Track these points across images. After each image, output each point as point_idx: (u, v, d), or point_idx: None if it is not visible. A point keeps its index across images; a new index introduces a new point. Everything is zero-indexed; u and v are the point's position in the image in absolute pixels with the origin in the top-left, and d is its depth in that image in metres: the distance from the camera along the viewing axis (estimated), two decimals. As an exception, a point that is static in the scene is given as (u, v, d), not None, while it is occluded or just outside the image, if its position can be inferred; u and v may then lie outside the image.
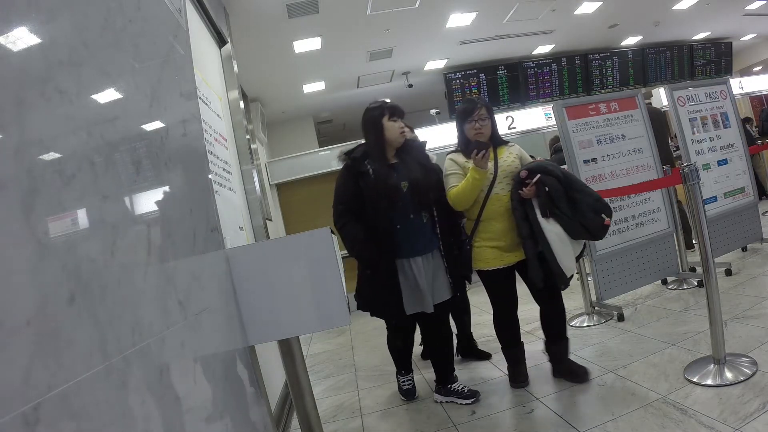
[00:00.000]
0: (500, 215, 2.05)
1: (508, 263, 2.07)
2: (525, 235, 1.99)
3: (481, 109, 2.07)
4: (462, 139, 2.13)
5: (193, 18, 2.01)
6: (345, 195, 2.03)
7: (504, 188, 2.05)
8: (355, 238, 1.98)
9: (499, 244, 2.06)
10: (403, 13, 4.25)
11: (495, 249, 2.06)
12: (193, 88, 1.20)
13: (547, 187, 1.98)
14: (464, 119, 2.09)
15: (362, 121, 2.08)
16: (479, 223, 2.07)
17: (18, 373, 0.44)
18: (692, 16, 6.04)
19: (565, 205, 1.98)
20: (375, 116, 2.04)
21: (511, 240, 2.05)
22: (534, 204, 2.00)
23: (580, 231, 1.99)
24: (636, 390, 1.88)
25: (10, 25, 0.53)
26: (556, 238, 1.96)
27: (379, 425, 2.13)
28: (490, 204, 2.05)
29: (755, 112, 8.01)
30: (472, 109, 2.07)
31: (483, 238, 2.08)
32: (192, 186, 1.05)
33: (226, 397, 0.97)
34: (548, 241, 1.96)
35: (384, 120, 2.02)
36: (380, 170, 1.99)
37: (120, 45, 0.80)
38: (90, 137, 0.65)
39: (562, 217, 1.98)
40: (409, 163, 2.06)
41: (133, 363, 0.63)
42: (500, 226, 2.05)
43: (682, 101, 3.35)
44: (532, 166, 2.03)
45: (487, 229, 2.07)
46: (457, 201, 2.04)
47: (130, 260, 0.69)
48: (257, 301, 1.17)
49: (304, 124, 6.96)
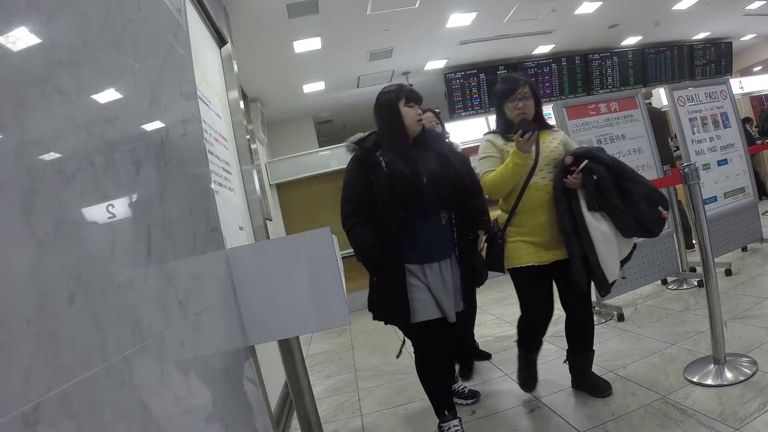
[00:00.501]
0: (539, 207, 1.80)
1: (545, 261, 1.81)
2: (569, 230, 1.75)
3: (524, 87, 1.82)
4: (501, 120, 1.90)
5: (193, 18, 2.01)
6: (354, 191, 1.74)
7: (545, 177, 1.81)
8: (364, 244, 1.70)
9: (536, 240, 1.81)
10: (403, 13, 4.25)
11: (531, 245, 1.81)
12: (193, 88, 1.20)
13: (596, 176, 1.73)
14: (505, 98, 1.85)
15: (375, 106, 1.81)
16: (514, 215, 1.82)
17: (18, 373, 0.44)
18: (692, 16, 6.04)
19: (615, 197, 1.72)
20: (390, 100, 1.76)
21: (550, 236, 1.80)
22: (579, 195, 1.75)
23: (633, 227, 1.74)
24: (636, 390, 1.88)
25: (10, 25, 0.53)
26: (601, 237, 1.73)
27: (379, 425, 2.13)
28: (528, 194, 1.80)
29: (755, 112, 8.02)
30: (515, 87, 1.82)
31: (518, 233, 1.84)
32: (192, 186, 1.05)
33: (226, 397, 0.97)
34: (591, 239, 1.73)
35: (400, 105, 1.74)
36: (395, 162, 1.70)
37: (120, 45, 0.80)
38: (90, 137, 0.65)
39: (613, 210, 1.73)
40: (428, 155, 1.77)
41: (133, 363, 0.63)
42: (539, 220, 1.81)
43: (682, 101, 3.35)
44: (578, 152, 1.79)
45: (524, 223, 1.82)
46: (492, 188, 1.82)
47: (130, 260, 0.69)
48: (257, 301, 1.17)
49: (304, 124, 6.97)
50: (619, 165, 1.78)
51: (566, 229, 1.75)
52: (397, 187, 1.67)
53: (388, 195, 1.67)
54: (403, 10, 4.19)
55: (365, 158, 1.74)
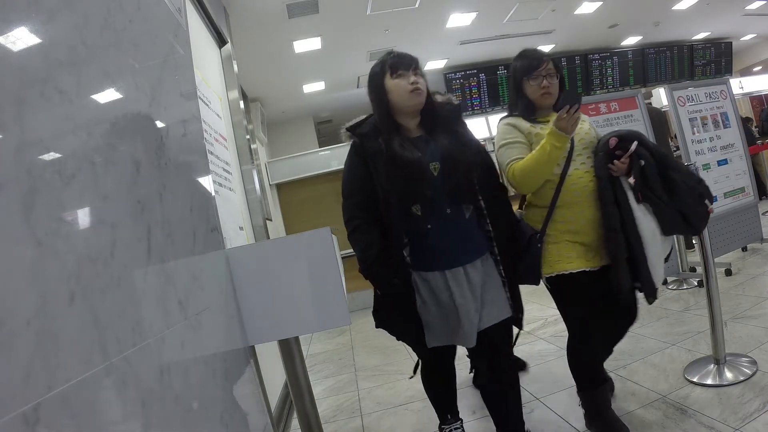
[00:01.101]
0: (585, 199, 1.50)
1: (596, 266, 1.50)
2: (615, 226, 1.47)
3: (548, 63, 1.55)
4: (522, 101, 1.60)
5: (193, 18, 2.01)
6: (354, 186, 1.46)
7: (585, 163, 1.52)
8: (366, 251, 1.41)
9: (583, 240, 1.50)
10: (403, 13, 4.25)
11: (578, 245, 1.50)
12: (193, 88, 1.20)
13: (643, 161, 1.48)
14: (527, 74, 1.57)
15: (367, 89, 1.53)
16: (554, 210, 1.51)
17: (18, 373, 0.44)
18: (692, 16, 6.04)
19: (660, 188, 1.48)
20: (374, 76, 1.48)
21: (597, 234, 1.51)
22: (623, 185, 1.49)
23: (677, 222, 1.51)
24: (636, 390, 1.88)
25: (10, 25, 0.53)
26: (650, 234, 1.48)
27: (379, 425, 2.13)
28: (569, 184, 1.49)
29: (755, 112, 8.02)
30: (538, 63, 1.55)
31: (560, 230, 1.51)
32: (192, 186, 1.05)
33: (226, 397, 0.97)
34: (641, 236, 1.47)
35: (386, 80, 1.44)
36: (396, 146, 1.40)
37: (120, 45, 0.80)
38: (90, 137, 0.65)
39: (657, 203, 1.49)
40: (439, 135, 1.45)
41: (133, 363, 0.63)
42: (586, 215, 1.50)
43: (682, 101, 3.35)
44: (622, 133, 1.52)
45: (566, 218, 1.51)
46: (523, 179, 1.49)
47: (130, 260, 0.69)
48: (257, 301, 1.17)
49: (304, 124, 6.96)
50: (661, 152, 1.54)
51: (612, 225, 1.47)
52: (397, 177, 1.38)
53: (390, 188, 1.39)
54: (403, 10, 4.19)
55: (363, 146, 1.46)
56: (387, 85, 1.45)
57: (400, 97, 1.43)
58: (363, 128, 1.49)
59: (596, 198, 1.50)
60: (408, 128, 1.48)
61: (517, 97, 1.62)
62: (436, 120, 1.48)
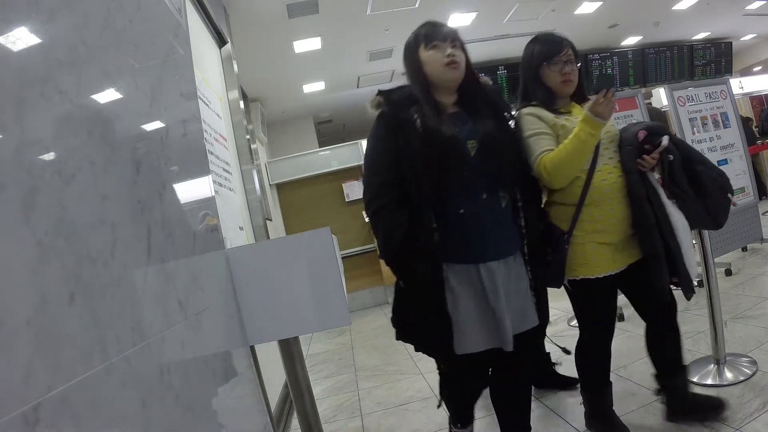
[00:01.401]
0: (613, 196, 1.41)
1: (620, 267, 1.45)
2: (651, 223, 1.40)
3: (568, 49, 1.46)
4: (540, 89, 1.48)
5: (193, 18, 2.01)
6: (381, 161, 1.30)
7: (612, 157, 1.44)
8: (392, 233, 1.25)
9: (611, 239, 1.42)
10: (403, 13, 4.25)
11: (605, 246, 1.42)
12: (193, 88, 1.20)
13: (671, 156, 1.42)
14: (546, 60, 1.46)
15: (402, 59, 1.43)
16: (582, 208, 1.41)
17: (18, 373, 0.44)
18: (692, 16, 6.04)
19: (686, 183, 1.43)
20: (408, 48, 1.38)
21: (624, 233, 1.43)
22: (651, 180, 1.44)
23: (701, 217, 1.47)
24: (636, 390, 1.88)
25: (10, 25, 0.53)
26: (683, 229, 1.42)
27: (379, 425, 2.13)
28: (597, 180, 1.41)
29: (755, 112, 8.02)
30: (558, 49, 1.45)
31: (587, 230, 1.42)
32: (192, 186, 1.05)
33: (226, 397, 0.97)
34: (675, 232, 1.41)
35: (420, 52, 1.34)
36: (432, 120, 1.27)
37: (120, 45, 0.80)
38: (90, 137, 0.65)
39: (684, 198, 1.44)
40: (478, 113, 1.34)
41: (133, 363, 0.63)
42: (616, 213, 1.41)
43: (682, 101, 3.34)
44: (650, 126, 1.46)
45: (596, 217, 1.41)
46: (555, 171, 1.37)
47: (130, 260, 0.69)
48: (257, 301, 1.17)
49: (304, 124, 6.97)
50: (686, 145, 1.49)
51: (647, 222, 1.39)
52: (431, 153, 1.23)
53: (422, 165, 1.24)
54: (403, 10, 4.19)
55: (395, 116, 1.30)
56: (421, 57, 1.34)
57: (435, 71, 1.32)
58: (397, 95, 1.36)
59: (625, 194, 1.41)
60: (444, 105, 1.34)
61: (535, 85, 1.49)
62: (477, 98, 1.35)
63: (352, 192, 5.66)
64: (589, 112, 1.32)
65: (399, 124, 1.29)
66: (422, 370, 2.65)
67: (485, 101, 1.37)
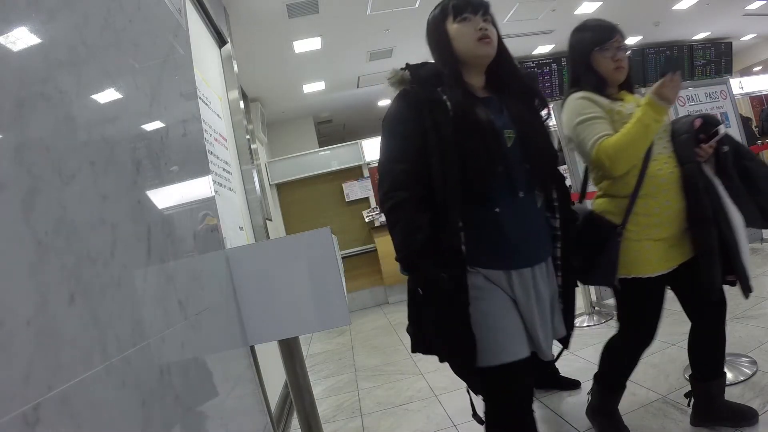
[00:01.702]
0: (669, 187, 1.32)
1: (673, 266, 1.36)
2: (707, 216, 1.30)
3: (618, 36, 1.42)
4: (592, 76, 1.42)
5: (193, 18, 2.01)
6: (407, 146, 1.10)
7: (667, 147, 1.37)
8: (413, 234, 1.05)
9: (666, 234, 1.34)
10: (403, 13, 4.25)
11: (660, 243, 1.34)
12: (193, 88, 1.20)
13: (726, 147, 1.36)
14: (598, 46, 1.41)
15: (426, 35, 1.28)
16: (636, 200, 1.32)
17: (18, 373, 0.44)
18: (692, 16, 6.04)
19: (737, 178, 1.36)
20: (434, 20, 1.23)
21: (678, 227, 1.35)
22: (707, 171, 1.35)
23: (753, 215, 1.39)
24: (636, 390, 1.88)
25: (10, 25, 0.53)
26: (740, 223, 1.33)
27: (379, 425, 2.13)
28: (653, 170, 1.32)
29: (755, 112, 8.02)
30: (611, 35, 1.41)
31: (642, 225, 1.34)
32: (192, 186, 1.05)
33: (226, 397, 0.97)
34: (732, 227, 1.32)
35: (448, 25, 1.17)
36: (465, 102, 1.10)
37: (120, 45, 0.80)
38: (90, 137, 0.65)
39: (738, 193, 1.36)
40: (510, 100, 1.17)
41: (133, 363, 0.63)
42: (672, 206, 1.33)
43: (682, 101, 3.35)
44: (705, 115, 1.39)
45: (650, 210, 1.33)
46: (617, 157, 1.28)
47: (130, 260, 0.69)
48: (257, 301, 1.17)
49: (304, 124, 6.97)
50: (734, 140, 1.42)
51: (704, 215, 1.30)
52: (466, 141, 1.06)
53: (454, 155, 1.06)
54: (403, 10, 4.19)
55: (424, 93, 1.12)
56: (449, 31, 1.17)
57: (465, 46, 1.14)
58: (424, 71, 1.18)
59: (681, 186, 1.33)
60: (473, 84, 1.18)
61: (586, 72, 1.43)
62: (509, 82, 1.19)
63: (352, 192, 5.66)
64: (654, 96, 1.26)
65: (426, 104, 1.10)
66: (422, 370, 2.65)
67: (518, 86, 1.20)
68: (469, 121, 1.08)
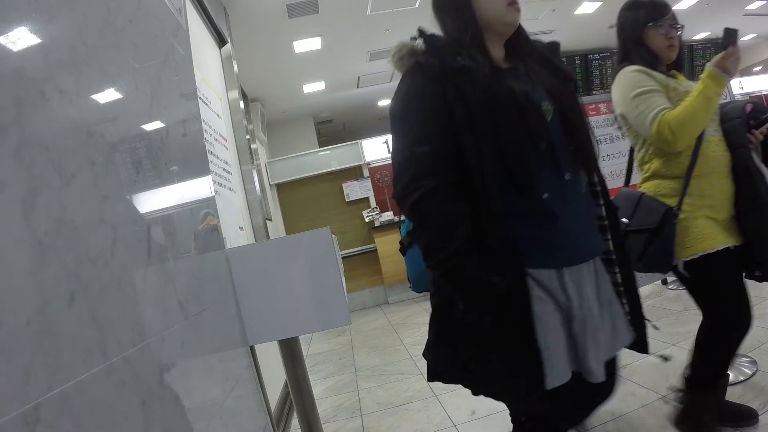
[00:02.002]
0: (720, 169, 1.30)
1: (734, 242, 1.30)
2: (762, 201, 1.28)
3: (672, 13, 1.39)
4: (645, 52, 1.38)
5: (193, 18, 2.01)
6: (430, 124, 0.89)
7: (717, 129, 1.35)
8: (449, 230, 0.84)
9: (719, 216, 1.30)
10: (403, 13, 4.25)
11: (714, 222, 1.30)
12: (193, 88, 1.20)
13: None
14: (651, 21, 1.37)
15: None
16: (690, 180, 1.29)
17: (18, 373, 0.44)
18: (692, 16, 6.04)
19: None
20: None
21: (729, 211, 1.32)
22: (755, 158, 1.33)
23: None
24: (636, 390, 1.88)
25: (10, 25, 0.53)
26: None
27: (379, 425, 2.13)
28: (706, 150, 1.30)
29: (755, 112, 8.01)
30: (664, 11, 1.37)
31: (696, 205, 1.30)
32: (192, 186, 1.05)
33: (226, 397, 0.97)
34: None
35: None
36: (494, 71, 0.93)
37: (120, 45, 0.80)
38: (90, 137, 0.65)
39: None
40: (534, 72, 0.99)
41: (133, 363, 0.63)
42: (724, 188, 1.30)
43: (682, 101, 3.35)
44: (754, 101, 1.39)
45: (703, 191, 1.30)
46: (681, 130, 1.23)
47: (130, 260, 0.69)
48: (257, 301, 1.17)
49: (304, 124, 6.97)
50: None
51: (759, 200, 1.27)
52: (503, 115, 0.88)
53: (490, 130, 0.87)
54: (403, 10, 4.19)
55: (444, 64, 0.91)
56: None
57: (496, 11, 0.96)
58: (439, 41, 0.98)
59: (731, 170, 1.31)
60: (494, 54, 1.00)
61: (639, 48, 1.39)
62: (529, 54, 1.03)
63: (352, 192, 5.66)
64: (716, 68, 1.23)
65: (449, 74, 0.90)
66: (422, 370, 2.65)
67: (539, 59, 1.03)
68: (504, 93, 0.90)
